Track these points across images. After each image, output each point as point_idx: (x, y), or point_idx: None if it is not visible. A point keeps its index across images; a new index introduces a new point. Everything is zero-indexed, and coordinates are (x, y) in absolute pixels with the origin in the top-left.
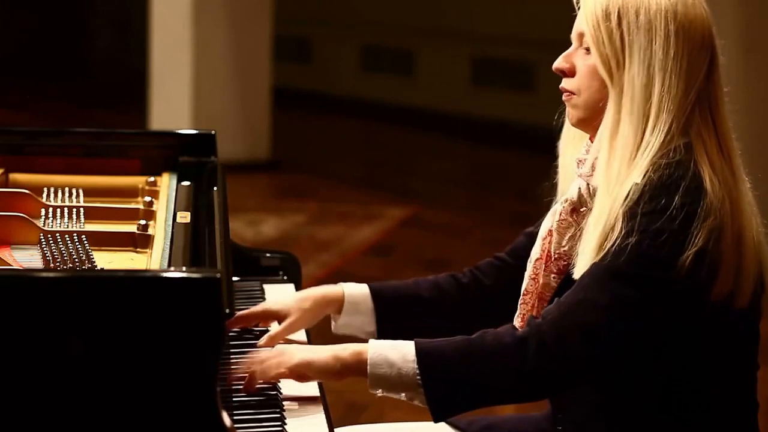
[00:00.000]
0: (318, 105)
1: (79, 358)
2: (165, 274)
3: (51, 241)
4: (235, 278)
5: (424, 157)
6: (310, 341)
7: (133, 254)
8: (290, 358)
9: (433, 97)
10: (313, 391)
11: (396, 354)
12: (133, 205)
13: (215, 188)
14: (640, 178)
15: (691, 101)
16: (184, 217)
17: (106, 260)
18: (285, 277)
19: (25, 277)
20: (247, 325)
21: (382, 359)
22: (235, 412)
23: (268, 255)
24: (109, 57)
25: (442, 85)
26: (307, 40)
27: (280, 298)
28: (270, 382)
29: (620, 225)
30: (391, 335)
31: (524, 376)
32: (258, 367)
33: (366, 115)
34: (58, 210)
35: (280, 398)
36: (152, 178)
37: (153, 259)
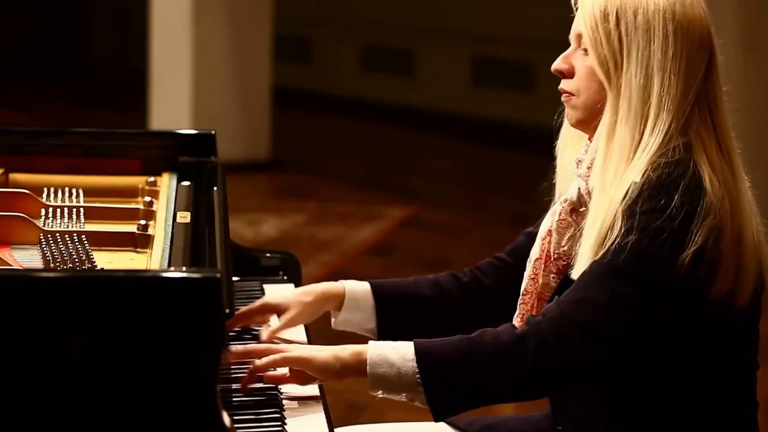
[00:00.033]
0: (318, 105)
1: (79, 359)
2: (165, 274)
3: (51, 241)
4: (235, 278)
5: (424, 157)
6: (310, 340)
7: (133, 254)
8: (291, 353)
9: (433, 97)
10: (313, 391)
11: (395, 354)
12: (133, 205)
13: (215, 188)
14: (639, 177)
15: (691, 101)
16: (184, 217)
17: (106, 260)
18: (285, 277)
19: (25, 277)
20: (247, 324)
21: (382, 359)
22: (235, 412)
23: (268, 255)
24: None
25: (442, 85)
26: (307, 40)
27: (281, 294)
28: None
29: (620, 223)
30: (390, 333)
31: (524, 375)
32: (258, 362)
33: (366, 115)
34: (58, 210)
35: (280, 398)
36: (152, 178)
37: (153, 259)
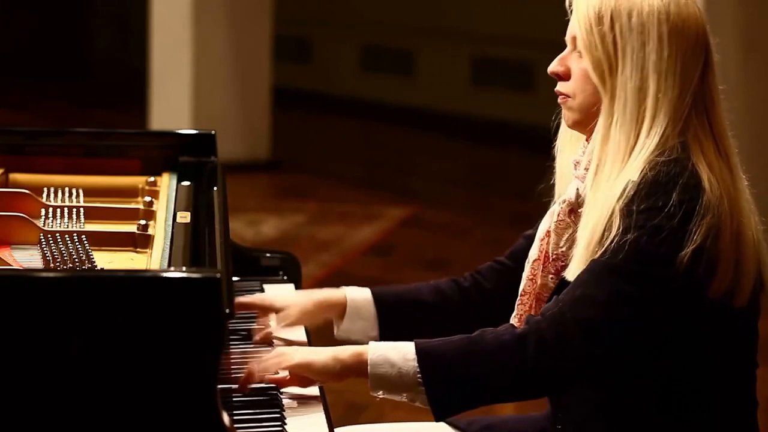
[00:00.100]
0: (318, 105)
1: (79, 358)
2: (165, 274)
3: (51, 241)
4: (235, 278)
5: (424, 157)
6: (310, 342)
7: (133, 254)
8: (290, 358)
9: (433, 97)
10: (313, 391)
11: (396, 354)
12: (133, 205)
13: (215, 188)
14: (636, 175)
15: (688, 103)
16: (184, 217)
17: (106, 260)
18: (285, 277)
19: (25, 277)
20: (245, 310)
21: (383, 359)
22: (235, 412)
23: (268, 255)
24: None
25: (442, 85)
26: (307, 40)
27: (282, 294)
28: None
29: (618, 222)
30: (393, 339)
31: (524, 374)
32: (256, 366)
33: (366, 115)
34: (58, 210)
35: (280, 398)
36: (152, 178)
37: (153, 259)
